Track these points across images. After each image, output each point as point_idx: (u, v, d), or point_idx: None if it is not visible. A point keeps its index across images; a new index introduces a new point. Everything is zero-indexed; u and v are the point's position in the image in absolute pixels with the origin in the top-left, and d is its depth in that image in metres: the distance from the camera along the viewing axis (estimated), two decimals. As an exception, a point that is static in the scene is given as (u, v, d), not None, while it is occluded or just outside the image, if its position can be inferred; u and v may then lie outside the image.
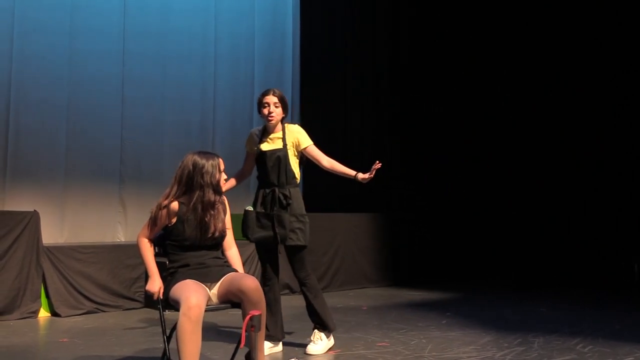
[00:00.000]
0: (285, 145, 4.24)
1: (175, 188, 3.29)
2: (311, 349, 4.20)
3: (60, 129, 7.37)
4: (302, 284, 4.29)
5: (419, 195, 8.89)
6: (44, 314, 5.72)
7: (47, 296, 5.74)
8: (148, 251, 3.31)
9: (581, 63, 8.34)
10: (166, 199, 3.27)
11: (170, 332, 3.21)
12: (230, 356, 3.30)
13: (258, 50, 9.11)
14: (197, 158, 3.29)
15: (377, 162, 4.11)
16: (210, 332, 4.72)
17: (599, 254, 8.12)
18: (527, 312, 5.81)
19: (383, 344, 4.41)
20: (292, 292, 7.24)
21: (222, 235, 3.33)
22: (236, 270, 3.34)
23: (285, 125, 4.33)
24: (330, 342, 4.31)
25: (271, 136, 4.29)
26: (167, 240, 3.30)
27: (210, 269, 3.22)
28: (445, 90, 9.28)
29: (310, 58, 9.40)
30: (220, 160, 3.34)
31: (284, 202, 4.19)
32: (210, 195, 3.25)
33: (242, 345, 2.91)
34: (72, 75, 7.46)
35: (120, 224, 7.72)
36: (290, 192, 4.22)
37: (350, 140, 9.34)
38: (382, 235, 8.35)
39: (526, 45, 8.13)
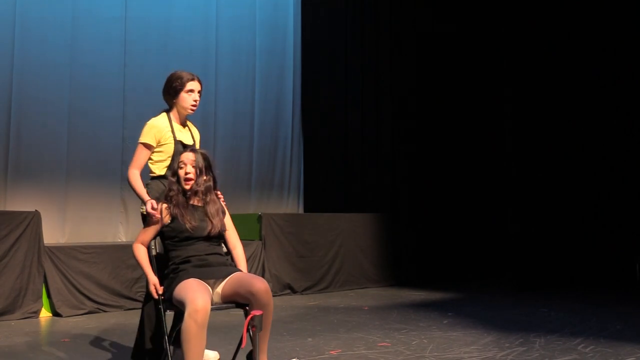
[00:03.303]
0: (194, 141, 3.82)
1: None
2: None
3: (62, 130, 7.38)
4: None
5: (420, 196, 8.88)
6: (45, 314, 5.72)
7: (49, 296, 5.75)
8: (140, 252, 3.33)
9: (586, 64, 8.32)
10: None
11: (170, 333, 3.20)
12: (231, 356, 3.29)
13: (259, 61, 9.14)
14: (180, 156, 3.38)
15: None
16: (211, 332, 4.71)
17: (600, 254, 8.10)
18: (528, 312, 5.80)
19: (384, 344, 4.40)
20: (294, 292, 7.25)
21: (219, 234, 3.30)
22: (241, 270, 3.30)
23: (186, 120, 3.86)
24: None
25: (182, 128, 3.78)
26: (166, 240, 3.29)
27: (213, 266, 3.19)
28: (447, 91, 9.26)
29: (311, 69, 9.39)
30: (185, 155, 3.31)
31: None
32: (174, 194, 3.27)
33: (243, 345, 2.91)
34: (73, 76, 7.47)
35: (122, 224, 7.72)
36: None
37: (351, 142, 9.33)
38: (384, 235, 8.35)
39: (529, 45, 8.09)
